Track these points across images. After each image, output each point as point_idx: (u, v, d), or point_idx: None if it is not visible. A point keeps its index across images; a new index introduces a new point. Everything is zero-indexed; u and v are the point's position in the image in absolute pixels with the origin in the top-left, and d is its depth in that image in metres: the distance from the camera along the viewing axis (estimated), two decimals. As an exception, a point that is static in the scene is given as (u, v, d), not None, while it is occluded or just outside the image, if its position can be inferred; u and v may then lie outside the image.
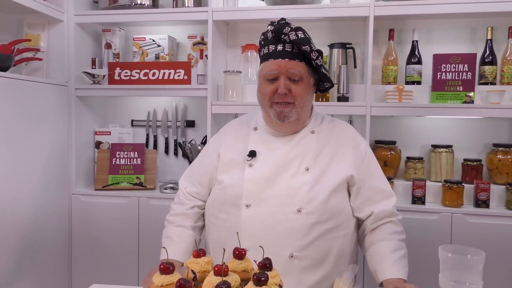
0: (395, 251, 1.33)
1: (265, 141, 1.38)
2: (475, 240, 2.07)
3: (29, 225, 2.14)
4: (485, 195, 2.12)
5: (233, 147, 1.42)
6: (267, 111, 1.34)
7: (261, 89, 1.35)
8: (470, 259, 1.05)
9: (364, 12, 2.18)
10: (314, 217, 1.29)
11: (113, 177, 2.50)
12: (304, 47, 1.27)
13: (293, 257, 1.28)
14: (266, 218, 1.29)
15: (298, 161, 1.33)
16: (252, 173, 1.34)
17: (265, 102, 1.33)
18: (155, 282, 0.94)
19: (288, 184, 1.31)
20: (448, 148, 2.32)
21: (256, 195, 1.31)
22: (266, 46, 1.32)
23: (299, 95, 1.30)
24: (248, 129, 1.44)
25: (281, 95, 1.29)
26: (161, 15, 2.39)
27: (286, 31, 1.27)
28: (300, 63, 1.29)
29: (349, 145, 1.40)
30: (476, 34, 2.35)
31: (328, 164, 1.35)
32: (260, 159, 1.35)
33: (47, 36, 2.41)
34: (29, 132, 2.12)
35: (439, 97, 2.20)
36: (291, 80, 1.30)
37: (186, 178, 1.53)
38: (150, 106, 2.73)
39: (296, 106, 1.31)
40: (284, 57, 1.28)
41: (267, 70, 1.30)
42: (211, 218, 1.42)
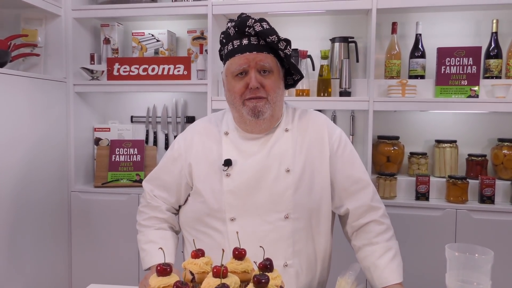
0: (383, 255, 1.26)
1: (239, 147, 1.28)
2: (480, 236, 2.04)
3: (28, 223, 2.12)
4: (490, 191, 2.09)
5: (205, 154, 1.30)
6: (239, 110, 1.24)
7: (230, 88, 1.24)
8: (478, 258, 1.01)
9: (366, 5, 2.14)
10: (302, 221, 1.25)
11: (112, 174, 2.48)
12: (271, 37, 1.18)
13: (287, 265, 1.24)
14: (253, 230, 1.22)
15: (277, 163, 1.25)
16: (231, 183, 1.24)
17: (236, 101, 1.23)
18: (151, 284, 0.91)
19: (271, 189, 1.23)
20: (452, 143, 2.28)
21: (239, 207, 1.23)
22: (230, 43, 1.23)
23: (271, 89, 1.22)
24: (218, 133, 1.32)
25: (253, 90, 1.20)
26: (160, 9, 2.36)
27: (250, 23, 1.18)
28: (268, 55, 1.21)
29: (324, 136, 1.31)
30: (481, 27, 2.31)
31: (307, 161, 1.28)
32: (237, 167, 1.25)
33: (44, 31, 2.37)
34: (27, 129, 2.09)
35: (443, 91, 2.16)
36: (261, 73, 1.21)
37: (150, 181, 1.39)
38: (150, 102, 2.69)
39: (269, 101, 1.22)
40: (252, 50, 1.19)
41: (235, 66, 1.21)
42: (194, 232, 1.32)
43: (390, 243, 1.29)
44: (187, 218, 1.35)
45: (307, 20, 2.48)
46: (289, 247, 1.24)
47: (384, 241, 1.28)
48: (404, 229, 2.13)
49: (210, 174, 1.28)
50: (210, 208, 1.26)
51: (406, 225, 2.12)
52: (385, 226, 1.31)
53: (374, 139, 2.33)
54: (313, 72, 2.38)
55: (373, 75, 2.16)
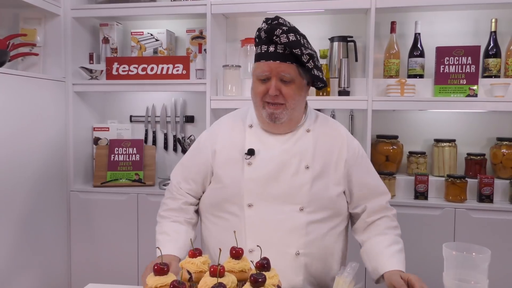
0: (392, 245, 1.34)
1: (262, 139, 1.37)
2: (479, 235, 2.04)
3: (27, 222, 2.12)
4: (489, 190, 2.09)
5: (229, 143, 1.39)
6: (260, 110, 1.34)
7: (254, 88, 1.33)
8: (476, 257, 1.02)
9: (365, 4, 2.14)
10: (316, 215, 1.32)
11: (111, 174, 2.48)
12: (295, 50, 1.24)
13: (299, 254, 1.30)
14: (269, 218, 1.30)
15: (298, 160, 1.33)
16: (252, 172, 1.32)
17: (258, 101, 1.32)
18: (148, 284, 0.92)
19: (289, 183, 1.31)
20: (451, 143, 2.28)
21: (257, 194, 1.31)
22: (259, 46, 1.31)
23: (290, 97, 1.29)
24: (243, 125, 1.41)
25: (272, 96, 1.28)
26: (159, 9, 2.35)
27: (278, 33, 1.24)
28: (291, 65, 1.27)
29: (343, 144, 1.40)
30: (480, 26, 2.31)
31: (326, 162, 1.36)
32: (259, 158, 1.33)
33: (43, 31, 2.37)
34: (26, 128, 2.10)
35: (442, 90, 2.16)
36: (282, 81, 1.28)
37: (178, 174, 1.47)
38: (149, 101, 2.69)
39: (287, 108, 1.30)
40: (276, 59, 1.26)
41: (259, 71, 1.29)
42: (211, 217, 1.40)
43: (399, 238, 1.39)
44: (204, 204, 1.42)
45: (306, 19, 2.48)
46: (302, 237, 1.30)
47: (394, 234, 1.39)
48: (403, 228, 2.10)
49: (232, 161, 1.35)
50: (229, 193, 1.34)
51: (405, 224, 2.11)
52: (396, 223, 1.43)
53: (373, 138, 2.33)
54: (312, 72, 2.37)
55: (372, 74, 2.16)
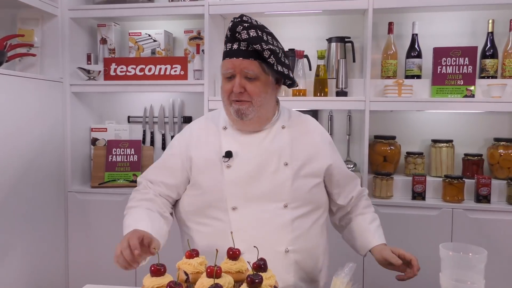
0: (372, 222, 1.46)
1: (238, 140, 1.36)
2: (476, 236, 2.05)
3: (25, 223, 2.11)
4: (486, 190, 2.09)
5: (205, 148, 1.37)
6: (228, 109, 1.33)
7: (222, 86, 1.33)
8: (472, 257, 1.02)
9: (362, 5, 2.14)
10: (299, 210, 1.33)
11: (109, 174, 2.48)
12: (255, 46, 1.24)
13: (288, 251, 1.31)
14: (255, 218, 1.30)
15: (276, 157, 1.33)
16: (232, 174, 1.31)
17: (225, 99, 1.32)
18: (145, 285, 0.91)
19: (270, 181, 1.32)
20: (449, 143, 2.29)
21: (240, 197, 1.30)
22: (226, 45, 1.31)
23: (255, 94, 1.28)
24: (217, 128, 1.40)
25: (237, 94, 1.28)
26: (157, 9, 2.36)
27: (239, 29, 1.25)
28: (254, 61, 1.26)
29: (318, 136, 1.44)
30: (477, 27, 2.31)
31: (304, 156, 1.37)
32: (238, 159, 1.33)
33: (41, 31, 2.37)
34: (24, 129, 2.09)
35: (439, 91, 2.17)
36: (247, 78, 1.28)
37: (148, 176, 1.43)
38: (147, 102, 2.69)
39: (253, 105, 1.29)
40: (238, 56, 1.26)
41: (224, 68, 1.30)
42: (193, 225, 1.37)
43: (376, 214, 1.51)
44: (183, 213, 1.39)
45: (303, 20, 2.48)
46: (289, 233, 1.31)
47: (371, 212, 1.50)
48: (401, 228, 2.13)
49: (210, 166, 1.34)
50: (211, 198, 1.32)
51: (403, 224, 2.13)
52: (370, 201, 1.53)
53: (370, 139, 2.33)
54: (309, 72, 2.38)
55: (369, 75, 2.16)
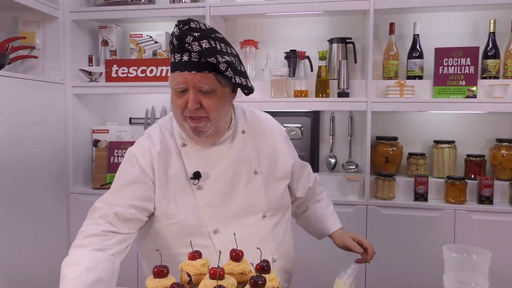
0: (328, 208, 1.53)
1: (202, 157, 1.23)
2: (479, 237, 2.04)
3: (26, 224, 2.11)
4: (489, 191, 2.09)
5: (170, 171, 1.22)
6: (182, 124, 1.19)
7: (173, 101, 1.18)
8: (476, 259, 1.01)
9: (364, 6, 2.14)
10: (277, 216, 1.33)
11: (111, 176, 2.47)
12: (210, 59, 1.09)
13: (275, 260, 1.30)
14: (238, 236, 1.14)
15: (246, 167, 1.26)
16: (205, 196, 1.21)
17: (178, 115, 1.18)
18: (148, 286, 0.91)
19: (244, 194, 1.25)
20: (451, 144, 2.28)
21: (219, 218, 1.22)
22: (173, 55, 1.15)
23: (212, 109, 1.15)
24: (173, 145, 1.25)
25: (192, 110, 1.15)
26: (158, 11, 2.36)
27: (189, 40, 1.08)
28: (208, 74, 1.12)
29: (276, 133, 1.38)
30: (479, 27, 2.31)
31: (270, 160, 1.32)
32: (207, 178, 1.22)
33: (42, 34, 2.38)
34: (25, 131, 2.09)
35: (441, 91, 2.16)
36: (202, 92, 1.14)
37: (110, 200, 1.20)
38: (148, 103, 2.69)
39: (211, 120, 1.17)
40: (191, 69, 1.11)
41: (174, 83, 1.14)
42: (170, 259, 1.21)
43: (329, 199, 1.57)
44: (160, 246, 1.23)
45: (305, 21, 2.48)
46: (272, 242, 1.30)
47: (325, 197, 1.56)
48: (403, 230, 2.12)
49: (178, 191, 1.22)
50: (188, 226, 1.21)
51: (405, 226, 2.12)
52: (322, 187, 1.58)
53: (372, 139, 2.33)
54: (311, 73, 2.38)
55: (371, 75, 2.16)
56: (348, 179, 2.23)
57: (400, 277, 2.13)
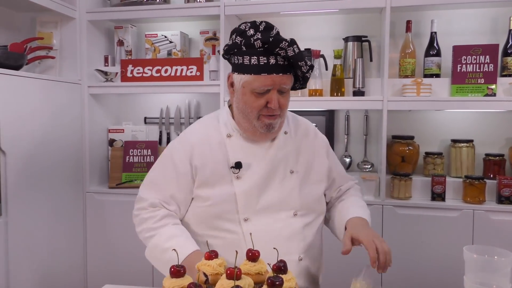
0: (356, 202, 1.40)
1: (245, 150, 1.31)
2: (498, 238, 2.00)
3: (43, 223, 2.14)
4: (509, 191, 2.05)
5: (210, 158, 1.30)
6: (252, 122, 1.26)
7: (249, 101, 1.24)
8: (497, 260, 0.99)
9: (380, 3, 2.11)
10: (309, 217, 1.34)
11: (126, 175, 2.50)
12: (300, 63, 1.21)
13: (302, 259, 1.30)
14: (267, 228, 1.27)
15: (283, 166, 1.32)
16: (242, 185, 1.28)
17: (253, 114, 1.25)
18: (165, 286, 0.91)
19: (278, 190, 1.30)
20: (469, 143, 2.24)
21: (252, 207, 1.28)
22: (255, 57, 1.21)
23: (285, 106, 1.27)
24: (220, 136, 1.33)
25: (272, 109, 1.23)
26: (173, 11, 2.37)
27: (284, 46, 1.17)
28: (290, 76, 1.24)
29: (315, 137, 1.43)
30: (498, 24, 2.26)
31: (308, 162, 1.37)
32: (247, 169, 1.29)
33: (59, 34, 2.40)
34: (43, 130, 2.12)
35: (459, 90, 2.13)
36: (280, 92, 1.24)
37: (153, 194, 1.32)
38: (163, 103, 2.71)
39: (281, 117, 1.28)
40: (278, 71, 1.20)
41: (259, 84, 1.21)
42: (199, 238, 1.31)
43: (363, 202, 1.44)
44: (191, 224, 1.33)
45: (320, 20, 2.46)
46: (301, 241, 1.30)
47: (359, 197, 1.46)
48: (420, 230, 2.09)
49: (217, 177, 1.29)
50: (220, 210, 1.27)
51: (422, 226, 2.09)
52: (361, 193, 1.51)
53: (388, 139, 2.30)
54: (326, 72, 2.36)
55: (387, 74, 2.14)
56: (364, 178, 2.21)
57: (417, 278, 2.11)
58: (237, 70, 1.26)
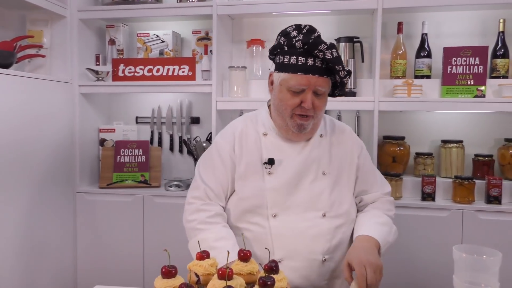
0: (375, 217, 1.36)
1: (279, 148, 1.37)
2: (487, 237, 2.03)
3: (33, 224, 2.12)
4: (497, 191, 2.07)
5: (246, 153, 1.37)
6: (285, 120, 1.33)
7: (284, 99, 1.31)
8: (486, 259, 1.00)
9: (372, 5, 2.13)
10: (338, 220, 1.34)
11: (117, 175, 2.48)
12: (338, 67, 1.26)
13: (326, 260, 1.31)
14: (294, 226, 1.30)
15: (315, 167, 1.35)
16: (273, 181, 1.32)
17: (287, 112, 1.31)
18: (156, 286, 0.91)
19: (309, 190, 1.33)
20: (459, 144, 2.27)
21: (280, 204, 1.31)
22: (294, 57, 1.27)
23: (320, 109, 1.31)
24: (257, 133, 1.40)
25: (305, 109, 1.29)
26: (165, 10, 2.36)
27: (322, 48, 1.23)
28: (326, 79, 1.29)
29: (351, 141, 1.45)
30: (488, 27, 2.29)
31: (341, 165, 1.39)
32: (279, 166, 1.33)
33: (50, 33, 2.38)
34: (33, 129, 2.10)
35: (449, 91, 2.15)
36: (315, 94, 1.29)
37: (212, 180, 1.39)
38: (155, 102, 2.70)
39: (314, 119, 1.32)
40: (315, 73, 1.26)
41: (295, 83, 1.27)
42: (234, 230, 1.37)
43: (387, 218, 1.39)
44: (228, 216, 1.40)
45: (312, 20, 2.47)
46: (327, 242, 1.31)
47: (382, 210, 1.41)
48: (410, 229, 2.11)
49: (251, 171, 1.34)
50: (251, 204, 1.33)
51: (412, 225, 2.11)
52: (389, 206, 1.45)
53: (379, 139, 2.32)
54: (318, 72, 2.36)
55: (378, 75, 2.15)
56: (355, 178, 2.22)
57: (407, 277, 2.12)
58: (278, 69, 1.32)
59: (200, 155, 2.41)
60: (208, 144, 2.47)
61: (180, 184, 2.41)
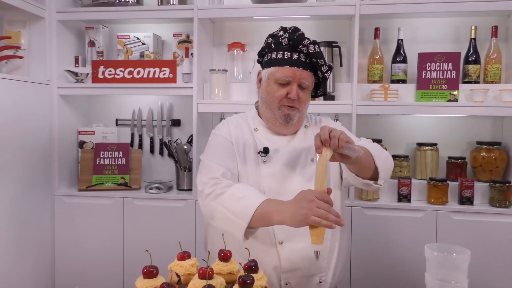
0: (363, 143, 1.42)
1: (270, 139, 1.46)
2: (459, 237, 2.10)
3: (10, 226, 2.09)
4: (469, 193, 2.14)
5: (242, 143, 1.46)
6: (273, 111, 1.42)
7: (272, 91, 1.41)
8: (456, 257, 1.05)
9: (350, 11, 2.18)
10: None
11: (97, 177, 2.46)
12: (320, 60, 1.38)
13: None
14: None
15: (304, 155, 1.44)
16: (268, 169, 1.41)
17: (274, 104, 1.41)
18: (138, 287, 0.92)
19: (300, 176, 1.42)
20: (433, 146, 2.34)
21: (275, 190, 1.39)
22: (281, 52, 1.40)
23: (304, 102, 1.42)
24: (249, 128, 1.50)
25: (291, 100, 1.39)
26: (146, 13, 2.36)
27: (306, 43, 1.37)
28: (310, 73, 1.40)
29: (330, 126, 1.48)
30: (460, 33, 2.37)
31: None
32: (272, 155, 1.43)
33: (28, 34, 2.35)
34: (10, 131, 2.07)
35: (424, 95, 2.22)
36: (300, 87, 1.40)
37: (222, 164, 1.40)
38: (135, 105, 2.69)
39: (299, 111, 1.42)
40: (299, 66, 1.38)
41: (281, 75, 1.38)
42: None
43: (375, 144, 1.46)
44: None
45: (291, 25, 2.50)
46: None
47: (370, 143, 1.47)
48: (387, 230, 2.17)
49: (247, 160, 1.43)
50: None
51: (389, 226, 2.17)
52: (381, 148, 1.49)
53: (357, 142, 2.36)
54: (297, 76, 2.40)
55: (356, 79, 2.20)
56: (334, 180, 2.26)
57: (383, 276, 2.18)
58: (266, 66, 1.44)
59: (180, 157, 2.42)
60: (189, 147, 2.48)
61: (160, 187, 2.41)
